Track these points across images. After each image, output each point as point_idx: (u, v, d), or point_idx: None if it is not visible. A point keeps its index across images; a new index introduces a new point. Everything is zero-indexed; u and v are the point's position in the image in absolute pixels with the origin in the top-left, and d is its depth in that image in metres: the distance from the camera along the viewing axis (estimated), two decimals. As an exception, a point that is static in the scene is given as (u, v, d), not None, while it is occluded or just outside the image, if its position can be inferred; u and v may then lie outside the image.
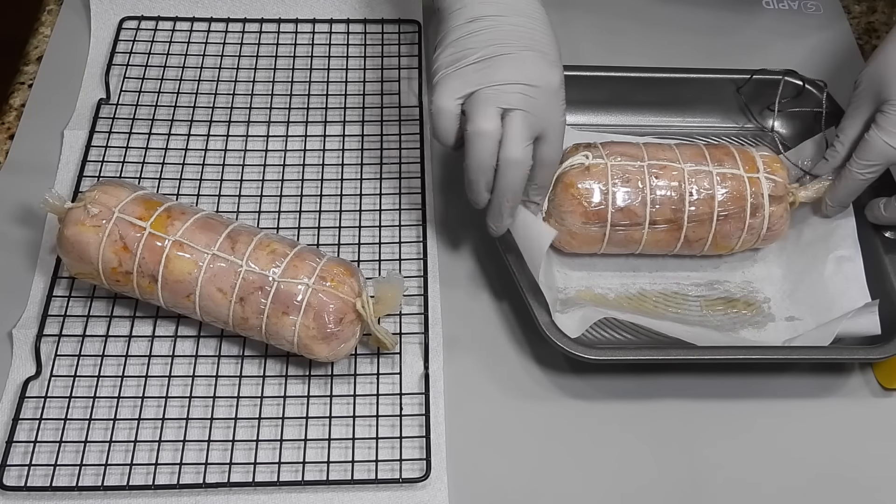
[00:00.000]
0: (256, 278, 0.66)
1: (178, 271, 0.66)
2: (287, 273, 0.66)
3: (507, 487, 0.66)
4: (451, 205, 0.80)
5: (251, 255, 0.66)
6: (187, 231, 0.67)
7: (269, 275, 0.65)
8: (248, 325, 0.66)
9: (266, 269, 0.66)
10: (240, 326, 0.67)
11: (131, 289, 0.68)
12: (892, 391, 0.72)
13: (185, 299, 0.67)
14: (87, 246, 0.67)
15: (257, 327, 0.66)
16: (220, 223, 0.68)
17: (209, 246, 0.66)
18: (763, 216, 0.73)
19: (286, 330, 0.65)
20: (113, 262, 0.67)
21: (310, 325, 0.65)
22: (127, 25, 0.89)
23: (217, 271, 0.66)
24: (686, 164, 0.73)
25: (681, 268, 0.77)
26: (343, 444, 0.66)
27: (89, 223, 0.67)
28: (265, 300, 0.65)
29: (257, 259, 0.66)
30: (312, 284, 0.65)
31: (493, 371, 0.71)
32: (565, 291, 0.75)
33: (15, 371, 0.69)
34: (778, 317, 0.75)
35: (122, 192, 0.69)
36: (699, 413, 0.70)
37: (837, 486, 0.68)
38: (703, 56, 0.91)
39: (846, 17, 0.97)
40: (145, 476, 0.65)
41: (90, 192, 0.69)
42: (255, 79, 0.87)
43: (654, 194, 0.72)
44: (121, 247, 0.67)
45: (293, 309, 0.65)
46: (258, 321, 0.66)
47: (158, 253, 0.66)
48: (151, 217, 0.67)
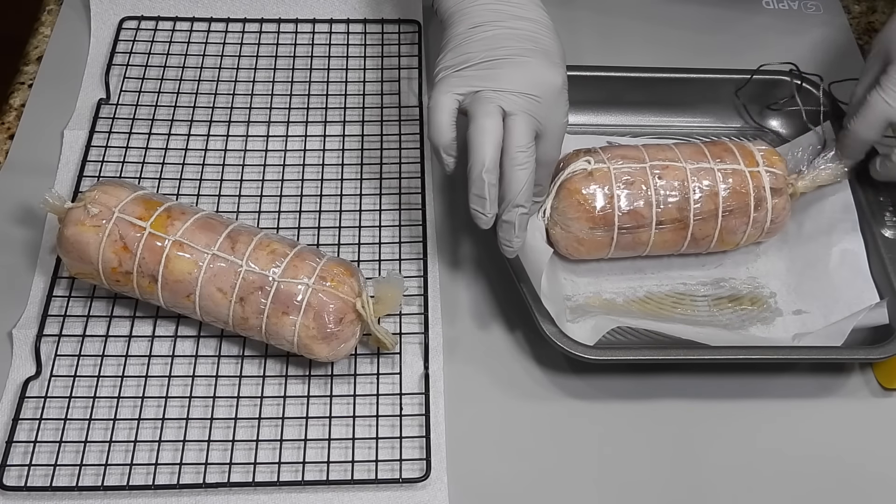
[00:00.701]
0: (256, 278, 0.66)
1: (178, 271, 0.66)
2: (287, 273, 0.66)
3: (507, 487, 0.66)
4: (452, 205, 0.80)
5: (251, 255, 0.66)
6: (187, 231, 0.67)
7: (269, 275, 0.65)
8: (248, 325, 0.66)
9: (266, 269, 0.66)
10: (240, 326, 0.67)
11: (131, 289, 0.68)
12: (892, 391, 0.72)
13: (185, 299, 0.67)
14: (86, 246, 0.67)
15: (257, 327, 0.66)
16: (220, 223, 0.68)
17: (209, 246, 0.66)
18: (766, 209, 0.73)
19: (286, 330, 0.65)
20: (113, 262, 0.67)
21: (310, 325, 0.65)
22: (127, 25, 0.89)
23: (217, 271, 0.66)
24: (687, 163, 0.73)
25: (685, 267, 0.77)
26: (343, 444, 0.66)
27: (89, 223, 0.67)
28: (265, 300, 0.65)
29: (257, 259, 0.66)
30: (312, 284, 0.65)
31: (493, 371, 0.71)
32: (574, 299, 0.75)
33: (15, 371, 0.69)
34: (785, 311, 0.75)
35: (122, 192, 0.69)
36: (699, 413, 0.70)
37: (837, 485, 0.68)
38: (703, 56, 0.91)
39: (846, 16, 0.97)
40: (145, 476, 0.65)
41: (90, 192, 0.69)
42: (255, 79, 0.87)
43: (659, 195, 0.72)
44: (121, 247, 0.67)
45: (293, 309, 0.65)
46: (258, 321, 0.66)
47: (158, 253, 0.66)
48: (151, 217, 0.67)
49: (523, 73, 0.65)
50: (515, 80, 0.65)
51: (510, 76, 0.65)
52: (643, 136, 0.85)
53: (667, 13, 0.96)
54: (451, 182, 0.81)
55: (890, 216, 0.76)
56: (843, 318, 0.72)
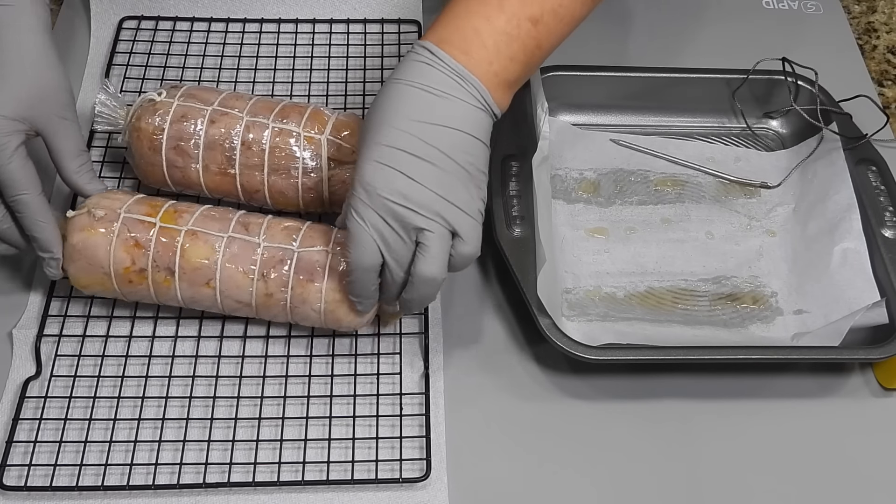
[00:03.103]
0: (276, 252, 0.66)
1: (195, 258, 0.66)
2: (305, 243, 0.66)
3: (507, 487, 0.66)
4: (451, 205, 0.80)
5: (266, 233, 0.67)
6: (198, 221, 0.67)
7: (289, 246, 0.66)
8: (273, 300, 0.66)
9: (284, 243, 0.66)
10: (263, 305, 0.67)
11: (146, 287, 0.67)
12: (892, 391, 0.72)
13: (204, 287, 0.66)
14: (95, 249, 0.66)
15: (281, 302, 0.66)
16: (228, 212, 0.69)
17: (223, 231, 0.67)
18: (321, 178, 0.72)
19: (312, 297, 0.66)
20: (125, 262, 0.66)
21: (336, 289, 0.66)
22: (127, 25, 0.90)
23: (236, 251, 0.66)
24: (247, 115, 0.72)
25: (687, 264, 0.77)
26: (343, 444, 0.66)
27: (97, 226, 0.66)
28: (288, 271, 0.66)
29: (273, 236, 0.67)
30: (331, 250, 0.66)
31: (493, 371, 0.71)
32: (574, 292, 0.75)
33: (15, 371, 0.69)
34: (786, 311, 0.75)
35: (123, 196, 0.69)
36: (699, 413, 0.70)
37: (837, 486, 0.68)
38: (702, 56, 0.91)
39: (846, 16, 0.97)
40: (145, 476, 0.65)
41: (90, 199, 0.68)
42: (255, 79, 0.87)
43: (208, 138, 0.72)
44: (132, 244, 0.66)
45: (317, 275, 0.66)
46: (283, 295, 0.66)
47: (172, 244, 0.66)
48: (159, 213, 0.67)
49: None
50: None
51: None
52: (643, 136, 0.85)
53: (667, 13, 0.96)
54: (451, 182, 0.81)
55: (890, 216, 0.76)
56: (843, 317, 0.72)
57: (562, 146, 0.83)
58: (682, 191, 0.82)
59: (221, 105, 0.73)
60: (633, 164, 0.83)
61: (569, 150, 0.83)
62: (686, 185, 0.82)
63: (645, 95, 0.86)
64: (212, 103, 0.73)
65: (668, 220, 0.80)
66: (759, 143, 0.86)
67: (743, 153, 0.85)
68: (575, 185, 0.82)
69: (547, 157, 0.79)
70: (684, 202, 0.81)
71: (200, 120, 0.72)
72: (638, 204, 0.81)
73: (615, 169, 0.83)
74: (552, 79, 0.82)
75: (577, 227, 0.79)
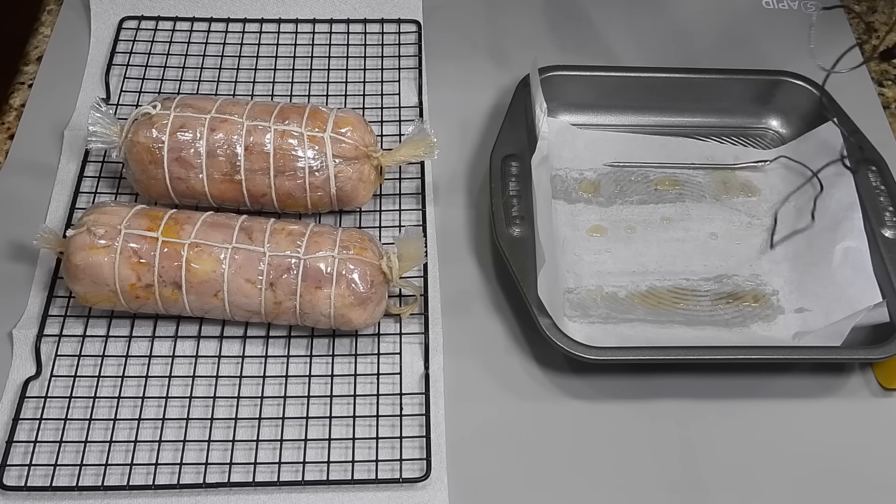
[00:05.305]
0: (282, 261, 0.66)
1: (201, 272, 0.66)
2: (310, 249, 0.67)
3: (507, 487, 0.66)
4: (451, 205, 0.80)
5: (270, 241, 0.67)
6: (200, 232, 0.67)
7: (294, 255, 0.66)
8: (282, 308, 0.67)
9: (289, 251, 0.66)
10: (272, 313, 0.67)
11: (153, 302, 0.67)
12: (892, 391, 0.72)
13: (212, 298, 0.67)
14: (100, 268, 0.66)
15: (291, 309, 0.66)
16: (230, 219, 0.69)
17: (226, 241, 0.66)
18: (328, 175, 0.72)
19: (322, 304, 0.66)
20: (131, 279, 0.66)
21: (344, 294, 0.66)
22: (127, 25, 0.90)
23: (241, 263, 0.66)
24: (247, 120, 0.72)
25: (688, 263, 0.77)
26: (343, 444, 0.66)
27: (98, 244, 0.66)
28: (295, 280, 0.66)
29: (278, 243, 0.67)
30: (337, 255, 0.66)
31: (493, 371, 0.71)
32: (576, 292, 0.75)
33: (15, 371, 0.69)
34: (787, 309, 0.75)
35: (121, 210, 0.68)
36: (699, 413, 0.70)
37: (837, 486, 0.68)
38: (702, 56, 0.91)
39: (846, 17, 0.97)
40: (145, 476, 0.65)
41: (88, 216, 0.68)
42: (255, 79, 0.87)
43: (210, 146, 0.72)
44: (136, 261, 0.66)
45: (325, 282, 0.66)
46: (291, 303, 0.66)
47: (177, 258, 0.66)
48: (160, 226, 0.67)
49: None
50: None
51: None
52: (643, 136, 0.85)
53: (667, 13, 0.96)
54: (451, 182, 0.81)
55: (890, 216, 0.76)
56: (844, 317, 0.72)
57: (561, 146, 0.83)
58: (683, 190, 0.82)
59: (219, 112, 0.73)
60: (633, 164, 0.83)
61: (569, 150, 0.83)
62: (686, 185, 0.82)
63: (645, 95, 0.86)
64: (209, 111, 0.72)
65: (668, 219, 0.80)
66: (759, 143, 0.86)
67: (742, 152, 0.85)
68: (575, 185, 0.82)
69: (546, 158, 0.79)
70: (685, 201, 0.82)
71: (200, 129, 0.72)
72: (638, 203, 0.81)
73: (615, 168, 0.83)
74: (551, 79, 0.82)
75: (577, 227, 0.79)
